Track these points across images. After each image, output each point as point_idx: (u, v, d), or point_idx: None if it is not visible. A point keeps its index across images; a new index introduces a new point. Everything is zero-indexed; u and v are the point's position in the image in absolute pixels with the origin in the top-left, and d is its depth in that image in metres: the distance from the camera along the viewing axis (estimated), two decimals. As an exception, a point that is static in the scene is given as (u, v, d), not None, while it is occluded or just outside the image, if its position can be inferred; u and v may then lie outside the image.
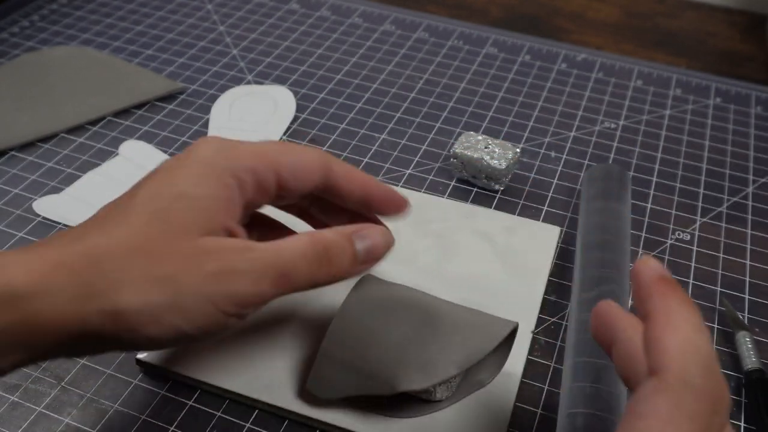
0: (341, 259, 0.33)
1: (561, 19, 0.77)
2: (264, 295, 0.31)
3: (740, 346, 0.42)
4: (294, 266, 0.31)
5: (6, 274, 0.28)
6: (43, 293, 0.28)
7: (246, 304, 0.31)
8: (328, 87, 0.64)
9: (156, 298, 0.29)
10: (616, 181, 0.49)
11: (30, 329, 0.28)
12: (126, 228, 0.30)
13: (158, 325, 0.29)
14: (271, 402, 0.38)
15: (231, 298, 0.30)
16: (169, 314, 0.29)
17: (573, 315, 0.42)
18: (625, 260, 0.45)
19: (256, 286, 0.30)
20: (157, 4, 0.74)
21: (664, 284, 0.25)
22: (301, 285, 0.32)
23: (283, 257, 0.31)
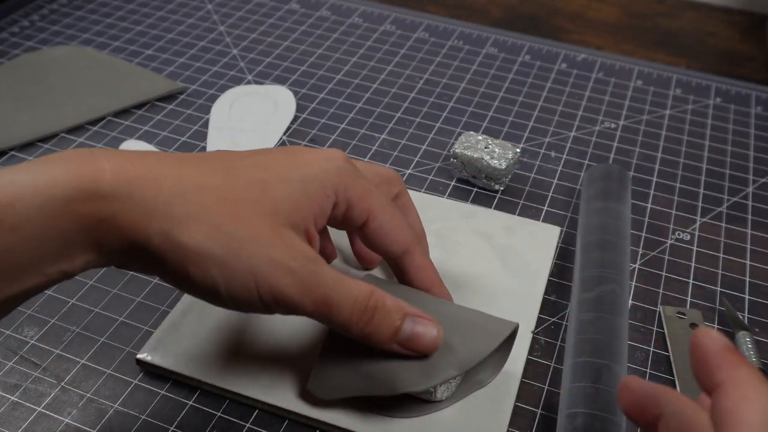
0: (381, 327, 0.34)
1: (561, 19, 0.77)
2: (300, 306, 0.32)
3: (740, 346, 0.42)
4: (340, 302, 0.33)
5: (96, 170, 0.29)
6: (125, 198, 0.29)
7: (281, 303, 0.32)
8: (328, 87, 0.64)
9: (216, 248, 0.30)
10: (616, 181, 0.49)
11: (105, 229, 0.29)
12: (225, 179, 0.32)
13: (201, 271, 0.30)
14: (271, 402, 0.38)
15: (273, 290, 0.31)
16: (216, 268, 0.30)
17: (573, 315, 0.42)
18: (625, 260, 0.45)
19: (299, 296, 0.32)
20: (157, 4, 0.74)
21: (732, 355, 0.25)
22: (335, 322, 0.33)
23: (337, 289, 0.33)
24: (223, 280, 0.31)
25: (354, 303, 0.33)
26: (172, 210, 0.30)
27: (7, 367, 0.41)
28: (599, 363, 0.38)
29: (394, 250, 0.38)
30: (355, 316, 0.33)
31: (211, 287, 0.31)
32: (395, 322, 0.34)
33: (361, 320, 0.33)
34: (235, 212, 0.31)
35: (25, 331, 0.42)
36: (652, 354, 0.43)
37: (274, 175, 0.33)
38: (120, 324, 0.43)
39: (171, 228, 0.30)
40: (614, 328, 0.40)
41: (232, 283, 0.31)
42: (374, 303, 0.34)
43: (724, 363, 0.24)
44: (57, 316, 0.43)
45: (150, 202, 0.30)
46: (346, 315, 0.33)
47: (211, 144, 0.56)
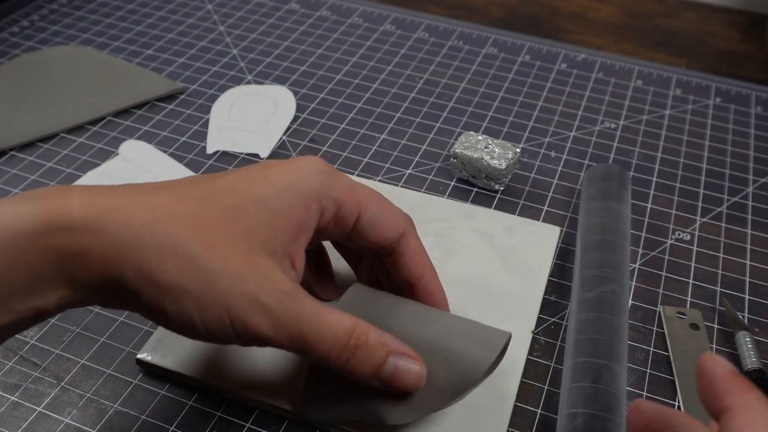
0: (362, 365, 0.33)
1: (561, 19, 0.77)
2: (275, 342, 0.31)
3: (740, 346, 0.42)
4: (318, 340, 0.31)
5: (65, 204, 0.29)
6: (95, 231, 0.29)
7: (255, 339, 0.31)
8: (328, 87, 0.64)
9: (190, 283, 0.29)
10: (616, 181, 0.49)
11: (76, 263, 0.29)
12: (197, 205, 0.31)
13: (177, 305, 0.30)
14: (271, 402, 0.38)
15: (246, 326, 0.30)
16: (190, 303, 0.30)
17: (573, 315, 0.42)
18: (625, 260, 0.45)
19: (274, 332, 0.31)
20: (157, 4, 0.74)
21: (739, 380, 0.25)
22: (314, 357, 0.32)
23: (315, 326, 0.31)
24: (198, 314, 0.30)
25: (333, 340, 0.32)
26: (144, 242, 0.29)
27: (7, 367, 0.41)
28: (599, 363, 0.38)
29: (391, 236, 0.37)
30: (335, 353, 0.32)
31: (187, 321, 0.30)
32: (378, 360, 0.33)
33: (341, 358, 0.32)
34: (208, 242, 0.30)
35: (25, 331, 0.42)
36: (652, 354, 0.43)
37: (248, 197, 0.32)
38: (120, 324, 0.43)
39: (143, 262, 0.29)
40: (614, 328, 0.40)
41: (207, 318, 0.30)
42: (355, 341, 0.32)
43: (731, 388, 0.25)
44: (57, 316, 0.43)
45: (120, 234, 0.29)
46: (325, 352, 0.32)
47: (211, 144, 0.56)
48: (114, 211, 0.29)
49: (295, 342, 0.31)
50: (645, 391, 0.41)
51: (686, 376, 0.41)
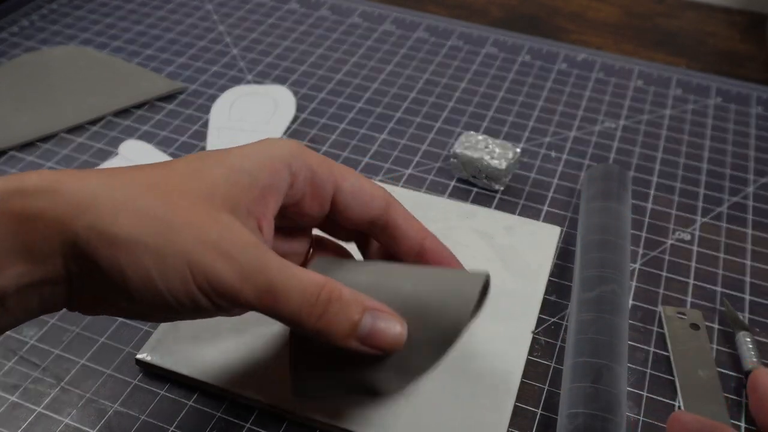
0: (337, 321, 0.30)
1: (561, 19, 0.77)
2: (241, 296, 0.29)
3: (741, 346, 0.42)
4: (287, 291, 0.29)
5: (22, 176, 0.28)
6: (50, 193, 0.28)
7: (219, 292, 0.29)
8: (328, 87, 0.64)
9: (146, 236, 0.28)
10: (616, 181, 0.49)
11: (31, 229, 0.27)
12: (158, 171, 0.30)
13: (134, 262, 0.28)
14: (271, 402, 0.38)
15: (209, 277, 0.28)
16: (148, 256, 0.28)
17: (573, 315, 0.42)
18: (625, 260, 0.45)
19: (239, 282, 0.29)
20: (157, 3, 0.74)
21: None
22: (283, 316, 0.30)
23: (283, 276, 0.29)
24: (156, 268, 0.28)
25: (304, 293, 0.29)
26: (99, 200, 0.28)
27: (7, 367, 0.41)
28: (599, 363, 0.38)
29: (377, 206, 0.35)
30: (306, 309, 0.30)
31: (146, 279, 0.28)
32: (353, 316, 0.30)
33: (313, 313, 0.30)
34: (166, 198, 0.29)
35: (24, 331, 0.42)
36: (652, 354, 0.43)
37: (211, 162, 0.31)
38: (120, 324, 0.43)
39: (98, 220, 0.27)
40: (614, 328, 0.40)
41: (167, 272, 0.28)
42: (328, 294, 0.30)
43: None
44: (57, 316, 0.43)
45: (75, 194, 0.28)
46: (296, 306, 0.29)
47: (211, 144, 0.56)
48: (70, 176, 0.28)
49: (262, 295, 0.29)
50: (645, 391, 0.41)
51: (686, 376, 0.41)
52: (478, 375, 0.40)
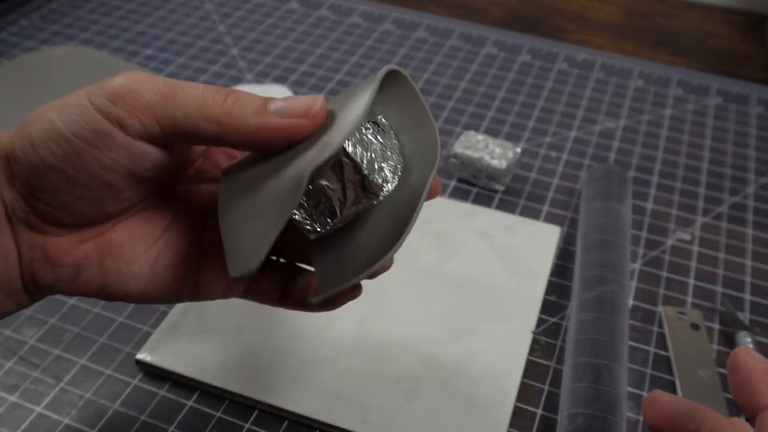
0: (244, 103, 0.29)
1: (561, 19, 0.77)
2: (138, 97, 0.28)
3: (741, 346, 0.42)
4: (184, 88, 0.28)
5: None
6: None
7: (117, 99, 0.28)
8: (328, 87, 0.63)
9: (48, 106, 0.28)
10: (616, 181, 0.49)
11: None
12: None
13: (38, 120, 0.28)
14: (271, 402, 0.38)
15: (104, 89, 0.28)
16: (49, 110, 0.28)
17: (573, 315, 0.42)
18: (625, 260, 0.45)
19: (134, 84, 0.28)
20: (156, 3, 0.74)
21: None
22: (187, 109, 0.28)
23: (175, 81, 0.29)
24: (56, 114, 0.28)
25: (203, 88, 0.29)
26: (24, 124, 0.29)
27: (7, 367, 0.41)
28: (599, 363, 0.38)
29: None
30: (209, 97, 0.28)
31: (48, 128, 0.28)
32: (260, 98, 0.29)
33: (217, 99, 0.28)
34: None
35: (24, 332, 0.42)
36: (652, 354, 0.43)
37: None
38: (120, 324, 0.43)
39: (13, 132, 0.29)
40: (614, 328, 0.40)
41: (66, 110, 0.28)
42: (228, 90, 0.29)
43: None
44: (56, 316, 0.43)
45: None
46: (196, 97, 0.28)
47: (211, 144, 0.56)
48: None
49: (161, 95, 0.28)
50: (645, 391, 0.41)
51: (687, 376, 0.41)
52: (478, 375, 0.40)
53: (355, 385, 0.39)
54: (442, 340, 0.41)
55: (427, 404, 0.38)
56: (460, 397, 0.39)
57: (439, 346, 0.41)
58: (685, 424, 0.26)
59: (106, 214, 0.30)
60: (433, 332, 0.42)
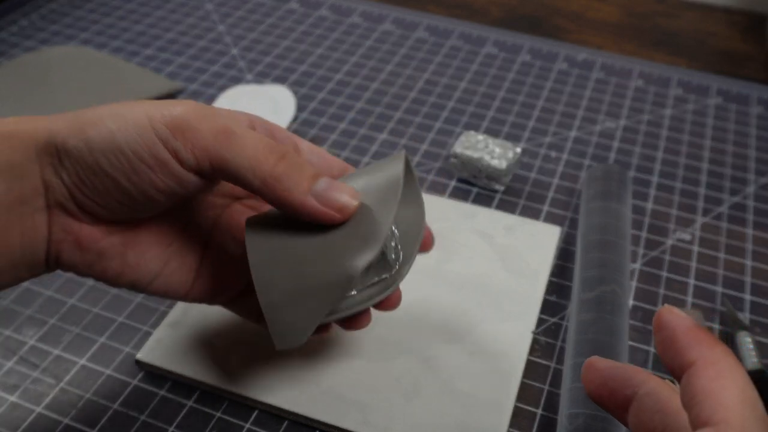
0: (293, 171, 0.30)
1: (561, 18, 0.77)
2: (198, 134, 0.29)
3: (741, 346, 0.42)
4: (243, 135, 0.30)
5: None
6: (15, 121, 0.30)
7: (179, 129, 0.29)
8: (328, 87, 0.63)
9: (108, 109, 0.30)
10: (616, 181, 0.49)
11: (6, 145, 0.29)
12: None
13: (99, 129, 0.29)
14: (271, 402, 0.38)
15: (165, 117, 0.29)
16: (110, 121, 0.29)
17: (573, 315, 0.42)
18: (625, 260, 0.45)
19: (197, 121, 0.30)
20: (156, 3, 0.74)
21: (703, 333, 0.23)
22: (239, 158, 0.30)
23: (236, 124, 0.30)
24: (117, 126, 0.29)
25: (260, 141, 0.30)
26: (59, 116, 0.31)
27: (7, 367, 0.41)
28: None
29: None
30: (262, 154, 0.30)
31: (108, 140, 0.29)
32: (308, 173, 0.31)
33: (270, 159, 0.30)
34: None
35: (24, 332, 0.42)
36: (652, 354, 0.43)
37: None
38: (120, 324, 0.43)
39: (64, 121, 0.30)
40: (615, 328, 0.40)
41: (127, 128, 0.29)
42: (283, 149, 0.31)
43: (694, 342, 0.23)
44: (56, 316, 0.43)
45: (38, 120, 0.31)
46: (251, 150, 0.30)
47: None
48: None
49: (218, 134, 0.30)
50: (645, 391, 0.41)
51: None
52: (478, 375, 0.40)
53: (355, 385, 0.39)
54: (442, 340, 0.41)
55: (427, 404, 0.38)
56: (460, 397, 0.39)
57: (439, 346, 0.41)
58: (622, 389, 0.26)
59: (139, 218, 0.32)
60: (432, 332, 0.42)
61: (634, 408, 0.26)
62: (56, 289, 0.45)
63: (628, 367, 0.27)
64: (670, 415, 0.25)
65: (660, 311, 0.24)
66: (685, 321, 0.24)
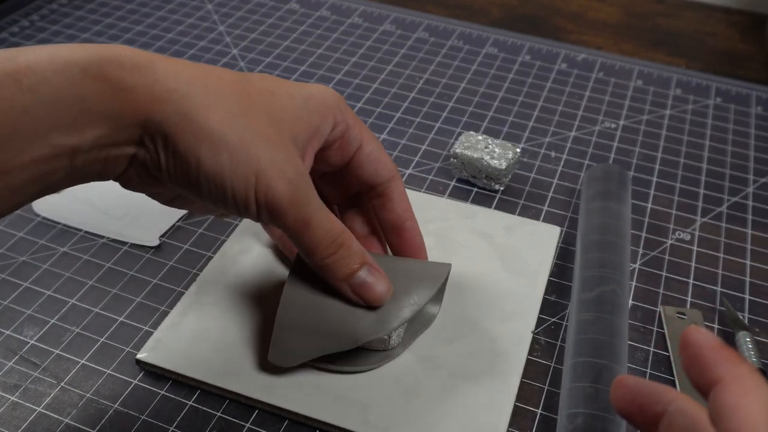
0: (340, 263, 0.36)
1: (561, 19, 0.77)
2: (283, 216, 0.33)
3: (740, 346, 0.42)
4: (317, 226, 0.34)
5: (118, 48, 0.30)
6: (147, 72, 0.30)
7: (269, 206, 0.33)
8: (328, 87, 0.63)
9: (230, 135, 0.31)
10: (616, 181, 0.49)
11: (122, 100, 0.30)
12: (238, 78, 0.34)
13: (213, 154, 0.31)
14: (271, 402, 0.38)
15: (267, 191, 0.32)
16: (226, 154, 0.31)
17: (573, 315, 0.42)
18: (625, 260, 0.45)
19: (289, 206, 0.33)
20: (156, 3, 0.74)
21: (728, 351, 0.24)
22: (303, 243, 0.35)
23: (319, 214, 0.34)
24: (229, 167, 0.31)
25: (327, 233, 0.35)
26: (192, 91, 0.31)
27: (7, 367, 0.41)
28: (599, 363, 0.38)
29: (385, 175, 0.40)
30: (323, 245, 0.35)
31: (218, 174, 0.31)
32: (353, 265, 0.36)
33: (326, 251, 0.35)
34: (248, 108, 0.33)
35: (24, 331, 0.42)
36: (652, 354, 0.43)
37: (281, 88, 0.35)
38: (120, 324, 0.43)
39: (190, 109, 0.31)
40: (614, 328, 0.40)
41: (237, 174, 0.32)
42: (342, 240, 0.35)
43: (720, 359, 0.24)
44: (57, 316, 0.43)
45: (171, 80, 0.31)
46: (316, 240, 0.35)
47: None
48: (165, 62, 0.31)
49: (298, 222, 0.34)
50: (645, 391, 0.41)
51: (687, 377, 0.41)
52: (478, 375, 0.40)
53: (355, 385, 0.39)
54: (442, 340, 0.41)
55: (427, 404, 0.38)
56: (460, 397, 0.39)
57: (439, 346, 0.41)
58: (651, 405, 0.26)
59: None
60: (433, 332, 0.42)
61: (664, 424, 0.26)
62: (56, 289, 0.45)
63: (658, 384, 0.27)
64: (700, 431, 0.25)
65: (686, 330, 0.25)
66: (712, 339, 0.25)
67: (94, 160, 0.31)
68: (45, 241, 0.48)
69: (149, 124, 0.30)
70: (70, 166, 0.30)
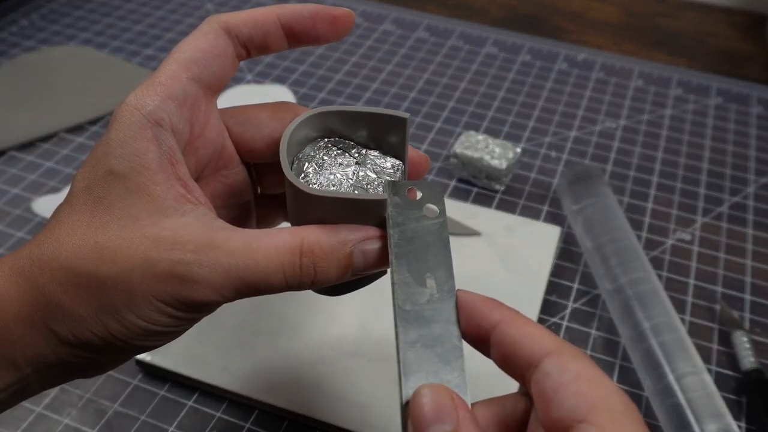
0: (330, 270, 0.28)
1: (561, 19, 0.77)
2: (223, 301, 0.27)
3: (737, 345, 0.42)
4: (267, 279, 0.26)
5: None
6: (4, 301, 0.26)
7: (201, 309, 0.27)
8: (328, 87, 0.63)
9: (103, 304, 0.26)
10: (591, 180, 0.49)
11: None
12: (71, 224, 0.27)
13: (101, 328, 0.26)
14: (271, 402, 0.38)
15: (184, 302, 0.26)
16: (110, 318, 0.26)
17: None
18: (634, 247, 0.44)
19: (215, 294, 0.26)
20: (156, 3, 0.74)
21: (499, 302, 0.28)
22: (272, 291, 0.27)
23: (255, 267, 0.26)
24: (124, 322, 0.26)
25: (284, 270, 0.26)
26: (48, 290, 0.26)
27: (7, 367, 0.41)
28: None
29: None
30: (294, 281, 0.27)
31: (121, 332, 0.26)
32: (344, 259, 0.28)
33: (304, 280, 0.27)
34: (102, 252, 0.26)
35: (24, 331, 0.42)
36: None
37: (98, 182, 0.27)
38: (120, 324, 0.43)
39: (57, 310, 0.26)
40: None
41: (137, 321, 0.26)
42: (309, 257, 0.27)
43: (495, 307, 0.27)
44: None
45: (26, 295, 0.26)
46: (283, 284, 0.27)
47: (211, 144, 0.56)
48: (10, 276, 0.27)
49: (242, 292, 0.26)
50: (645, 391, 0.41)
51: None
52: (478, 375, 0.40)
53: (355, 385, 0.39)
54: (442, 340, 0.41)
55: (427, 404, 0.38)
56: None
57: (439, 346, 0.41)
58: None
59: None
60: (433, 332, 0.42)
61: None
62: (56, 289, 0.45)
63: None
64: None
65: (458, 295, 0.28)
66: (481, 296, 0.27)
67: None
68: (45, 241, 0.48)
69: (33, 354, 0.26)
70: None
